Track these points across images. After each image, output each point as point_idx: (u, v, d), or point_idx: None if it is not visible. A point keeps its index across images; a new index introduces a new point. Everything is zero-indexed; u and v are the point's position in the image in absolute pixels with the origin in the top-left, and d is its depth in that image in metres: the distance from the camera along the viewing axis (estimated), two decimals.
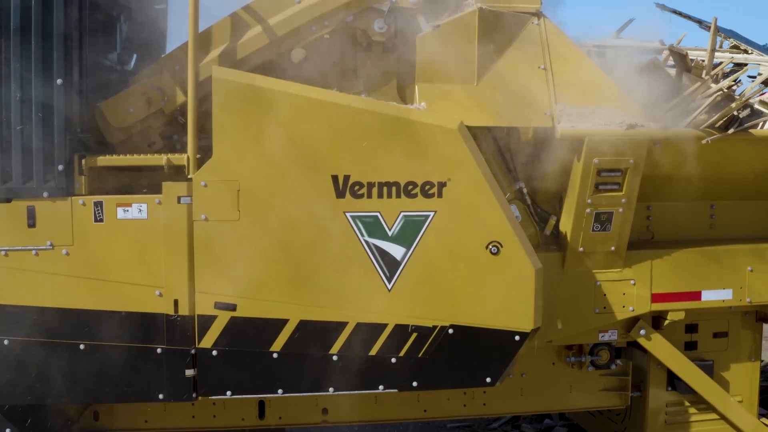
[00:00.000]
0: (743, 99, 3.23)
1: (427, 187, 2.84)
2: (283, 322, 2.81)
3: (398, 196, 2.83)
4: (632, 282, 3.30)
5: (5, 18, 2.70)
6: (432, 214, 2.85)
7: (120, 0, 3.51)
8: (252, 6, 3.08)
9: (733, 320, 3.67)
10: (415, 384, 2.92)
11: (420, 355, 2.88)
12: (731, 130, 3.17)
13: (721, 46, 3.95)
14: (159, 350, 2.77)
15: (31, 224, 2.73)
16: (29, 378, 2.76)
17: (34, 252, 2.73)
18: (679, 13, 4.05)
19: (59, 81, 2.72)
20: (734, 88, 3.35)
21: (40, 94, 2.71)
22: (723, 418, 3.63)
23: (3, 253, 2.72)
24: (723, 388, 3.63)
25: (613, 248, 3.24)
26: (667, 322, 3.41)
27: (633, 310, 3.32)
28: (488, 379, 2.96)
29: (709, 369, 3.61)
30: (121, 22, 3.70)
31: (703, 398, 3.59)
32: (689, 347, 3.61)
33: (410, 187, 2.83)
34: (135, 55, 3.86)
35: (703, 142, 3.13)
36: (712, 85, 3.34)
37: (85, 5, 2.82)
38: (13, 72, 2.71)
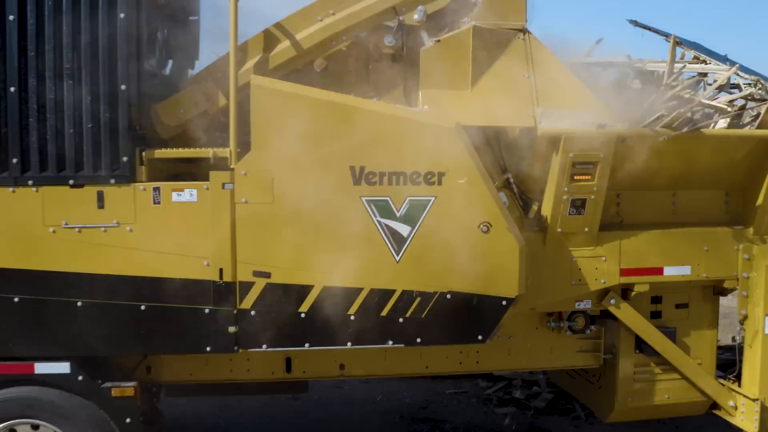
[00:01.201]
0: (694, 103, 3.80)
1: (429, 176, 3.40)
2: (309, 288, 3.38)
3: (405, 183, 3.39)
4: (603, 258, 3.86)
5: (77, 35, 3.25)
6: (433, 198, 3.41)
7: (162, 14, 4.06)
8: (282, 23, 3.65)
9: (693, 293, 4.22)
10: (418, 340, 3.49)
11: (423, 316, 3.45)
12: (685, 129, 3.73)
13: (683, 57, 4.51)
14: (207, 310, 3.34)
15: (101, 206, 3.29)
16: (99, 334, 3.33)
17: (103, 229, 3.29)
18: (649, 28, 4.61)
19: (123, 87, 3.28)
20: (689, 93, 3.91)
21: (108, 99, 3.27)
22: (684, 377, 4.19)
23: (77, 230, 3.29)
24: (684, 352, 4.19)
25: (586, 229, 3.79)
26: (634, 293, 3.97)
27: (604, 283, 3.88)
28: (480, 337, 3.53)
29: (671, 335, 4.16)
30: (161, 33, 4.25)
31: (666, 360, 4.15)
32: (654, 316, 4.17)
33: (415, 176, 3.40)
34: (170, 61, 4.41)
35: (660, 139, 3.68)
36: (670, 92, 3.90)
37: (143, 25, 3.37)
38: (85, 80, 3.26)
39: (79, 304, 3.30)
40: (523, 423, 5.26)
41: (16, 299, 3.29)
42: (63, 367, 3.40)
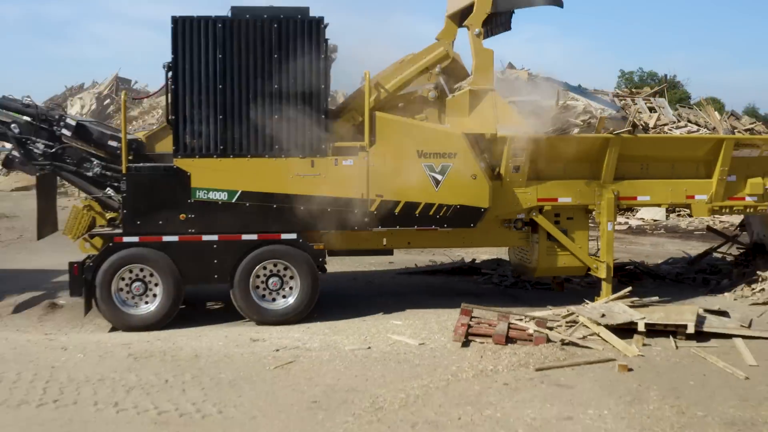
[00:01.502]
0: (568, 120, 8.30)
1: (450, 155, 7.87)
2: (398, 202, 7.84)
3: (439, 157, 7.88)
4: (529, 193, 8.34)
5: (298, 77, 7.73)
6: (451, 164, 7.89)
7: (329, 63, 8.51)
8: (379, 79, 8.12)
9: (575, 211, 8.66)
10: (445, 225, 7.97)
11: (448, 215, 7.93)
12: (566, 133, 8.22)
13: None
14: (356, 211, 7.79)
15: (312, 166, 7.74)
16: (308, 221, 7.81)
17: (314, 176, 7.75)
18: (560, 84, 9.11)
19: (323, 115, 7.75)
20: (565, 116, 8.41)
21: (313, 109, 7.73)
22: (572, 254, 8.65)
23: (302, 176, 7.75)
24: (572, 242, 8.66)
25: (521, 179, 8.27)
26: (544, 210, 8.45)
27: (529, 204, 8.36)
28: (471, 224, 8.03)
29: (565, 232, 8.62)
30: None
31: (563, 245, 8.62)
32: (556, 223, 8.66)
33: (443, 154, 7.86)
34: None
35: (545, 138, 8.15)
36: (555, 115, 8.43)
37: (330, 62, 7.83)
38: (292, 96, 7.71)
39: (302, 207, 7.79)
40: (497, 291, 9.77)
41: (274, 206, 7.78)
42: (293, 236, 7.89)
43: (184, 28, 7.59)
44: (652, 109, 23.81)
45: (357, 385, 6.00)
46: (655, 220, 18.52)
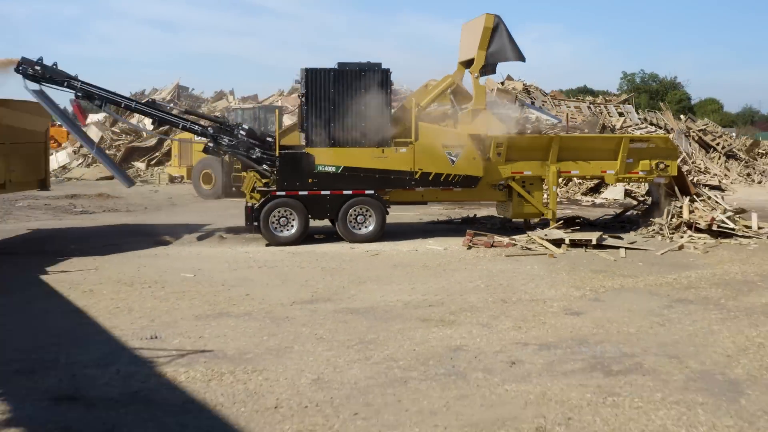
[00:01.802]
0: (525, 126, 14.26)
1: (460, 145, 13.85)
2: (431, 173, 13.82)
3: (455, 148, 13.85)
4: (506, 168, 14.30)
5: (358, 94, 13.71)
6: (461, 150, 13.87)
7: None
8: (415, 98, 14.11)
9: (534, 179, 14.63)
10: (458, 187, 13.94)
11: (459, 180, 13.90)
12: (524, 133, 14.19)
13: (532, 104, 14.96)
14: (407, 176, 13.80)
15: (383, 153, 13.74)
16: (378, 184, 13.83)
17: (383, 158, 13.75)
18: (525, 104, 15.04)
19: (390, 131, 13.72)
20: (527, 120, 14.35)
21: (383, 120, 13.70)
22: (533, 205, 14.59)
23: (387, 157, 13.73)
24: (532, 197, 14.59)
25: (501, 160, 14.21)
26: (515, 178, 14.40)
27: (506, 175, 14.33)
28: (473, 186, 14.02)
29: (529, 192, 14.58)
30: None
31: (527, 200, 14.57)
32: (522, 186, 14.60)
33: (457, 146, 13.85)
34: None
35: (515, 136, 14.10)
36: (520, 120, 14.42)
37: (391, 93, 13.83)
38: (372, 112, 13.69)
39: (376, 176, 13.76)
40: (490, 231, 15.74)
41: (361, 174, 13.74)
42: (371, 191, 13.84)
43: (311, 74, 13.57)
44: (621, 114, 29.79)
45: (412, 262, 11.96)
46: (615, 199, 24.39)
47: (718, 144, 29.89)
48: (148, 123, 33.45)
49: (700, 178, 25.56)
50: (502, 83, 33.84)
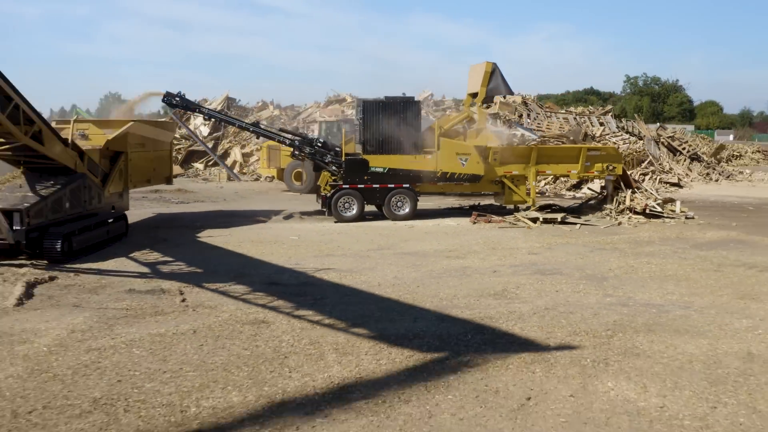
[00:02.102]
0: (513, 139, 20.54)
1: (467, 155, 20.12)
2: (450, 172, 20.13)
3: (463, 156, 20.13)
4: (500, 169, 20.56)
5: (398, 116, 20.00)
6: (468, 157, 20.14)
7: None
8: (439, 122, 20.39)
9: (521, 177, 20.88)
10: (466, 182, 20.22)
11: (467, 177, 20.17)
12: (511, 145, 20.46)
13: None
14: (433, 176, 20.11)
15: (417, 158, 20.05)
16: (417, 180, 20.13)
17: (415, 161, 20.06)
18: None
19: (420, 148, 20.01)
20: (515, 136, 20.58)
21: (416, 136, 19.98)
22: (518, 194, 20.85)
23: (417, 160, 20.03)
24: (518, 189, 20.83)
25: (497, 163, 20.48)
26: (507, 176, 20.66)
27: (500, 173, 20.58)
28: (477, 181, 20.29)
29: (516, 186, 20.82)
30: None
31: (515, 191, 20.82)
32: (512, 181, 20.88)
33: (466, 154, 20.12)
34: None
35: (506, 147, 20.34)
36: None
37: (421, 118, 20.13)
38: (409, 131, 19.97)
39: (410, 174, 20.04)
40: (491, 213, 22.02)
41: (400, 173, 20.02)
42: (407, 185, 20.11)
43: (367, 104, 19.86)
44: (601, 123, 35.90)
45: (436, 231, 18.22)
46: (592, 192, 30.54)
47: (683, 148, 36.00)
48: (205, 130, 39.95)
49: (662, 176, 31.72)
50: (504, 97, 40.11)
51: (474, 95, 20.73)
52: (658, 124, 39.39)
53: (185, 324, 9.35)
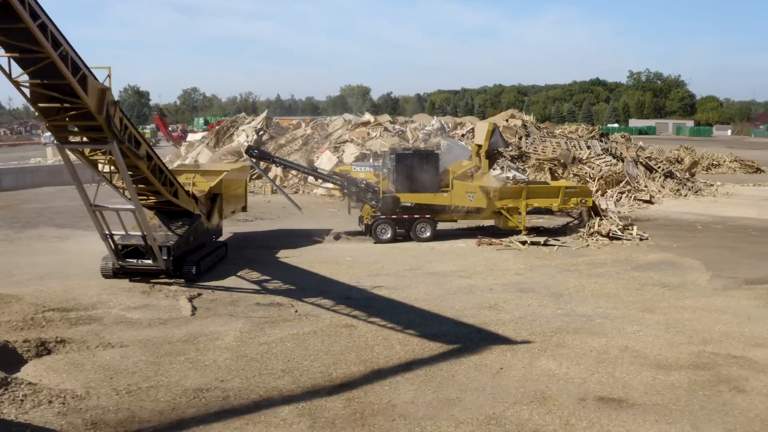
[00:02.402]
0: (507, 182, 27.19)
1: (474, 192, 26.78)
2: (459, 206, 26.83)
3: (471, 193, 26.79)
4: (499, 202, 27.20)
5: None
6: (475, 194, 26.80)
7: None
8: (452, 169, 27.06)
9: (513, 209, 27.51)
10: (474, 212, 26.91)
11: (473, 209, 26.86)
12: (507, 185, 27.15)
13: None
14: (450, 210, 26.81)
15: (435, 196, 26.73)
16: (432, 212, 26.86)
17: (435, 198, 26.75)
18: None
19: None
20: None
21: (436, 176, 26.65)
22: (513, 221, 27.49)
23: (447, 194, 26.72)
24: (512, 217, 27.45)
25: (496, 198, 27.13)
26: (504, 207, 27.30)
27: (499, 205, 27.22)
28: (481, 213, 26.98)
29: (510, 215, 27.49)
30: None
31: (510, 218, 27.47)
32: (507, 212, 27.53)
33: (473, 192, 26.78)
34: None
35: (502, 186, 27.01)
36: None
37: (441, 161, 26.83)
38: (431, 173, 26.64)
39: (431, 207, 26.74)
40: (492, 235, 28.70)
41: (424, 206, 26.70)
42: (429, 216, 26.83)
43: (399, 154, 26.54)
44: (588, 147, 42.38)
45: (450, 251, 24.92)
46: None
47: (659, 167, 42.51)
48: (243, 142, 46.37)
49: (637, 194, 38.24)
50: (507, 121, 46.70)
51: (479, 146, 27.33)
52: (637, 147, 45.73)
53: (306, 328, 16.08)
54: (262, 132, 50.33)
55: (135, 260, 20.16)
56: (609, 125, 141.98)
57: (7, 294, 18.41)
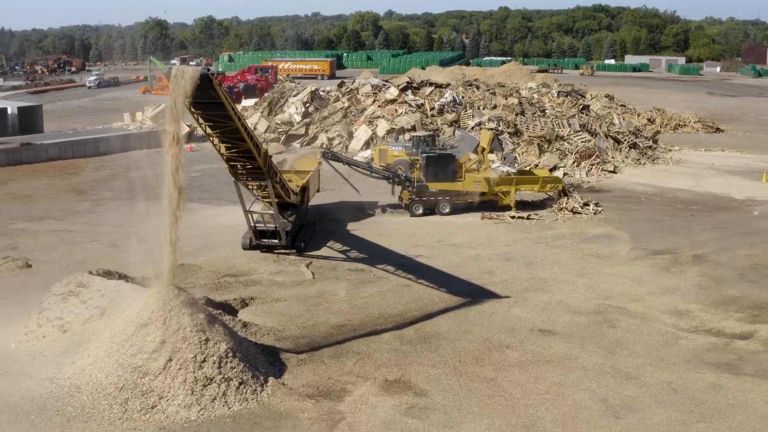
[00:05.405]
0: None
1: (480, 181, 38.81)
2: (464, 191, 38.95)
3: (480, 165, 38.84)
4: (497, 188, 39.22)
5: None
6: (480, 182, 38.80)
7: None
8: (467, 165, 39.02)
9: (508, 192, 39.57)
10: (480, 195, 39.03)
11: (479, 193, 38.93)
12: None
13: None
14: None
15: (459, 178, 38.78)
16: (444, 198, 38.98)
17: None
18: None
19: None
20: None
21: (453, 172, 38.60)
22: (507, 200, 39.58)
23: (461, 182, 38.74)
24: (507, 197, 39.51)
25: (495, 185, 39.15)
26: (502, 191, 39.32)
27: (497, 190, 39.26)
28: (484, 195, 39.15)
29: (505, 196, 39.56)
30: None
31: (505, 199, 39.54)
32: (504, 194, 39.57)
33: (478, 181, 38.81)
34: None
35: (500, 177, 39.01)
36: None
37: (456, 162, 38.80)
38: (446, 169, 38.57)
39: (450, 191, 38.81)
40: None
41: (445, 191, 38.73)
42: (448, 197, 38.90)
43: (429, 157, 38.46)
44: (569, 124, 53.85)
45: (464, 224, 37.11)
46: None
47: (625, 140, 54.17)
48: (297, 117, 59.20)
49: (604, 166, 50.01)
50: (506, 98, 58.16)
51: (483, 148, 39.13)
52: (607, 122, 57.11)
53: (383, 287, 28.40)
54: (308, 104, 61.65)
55: (266, 240, 32.37)
56: (606, 61, 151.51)
57: (190, 264, 30.52)
